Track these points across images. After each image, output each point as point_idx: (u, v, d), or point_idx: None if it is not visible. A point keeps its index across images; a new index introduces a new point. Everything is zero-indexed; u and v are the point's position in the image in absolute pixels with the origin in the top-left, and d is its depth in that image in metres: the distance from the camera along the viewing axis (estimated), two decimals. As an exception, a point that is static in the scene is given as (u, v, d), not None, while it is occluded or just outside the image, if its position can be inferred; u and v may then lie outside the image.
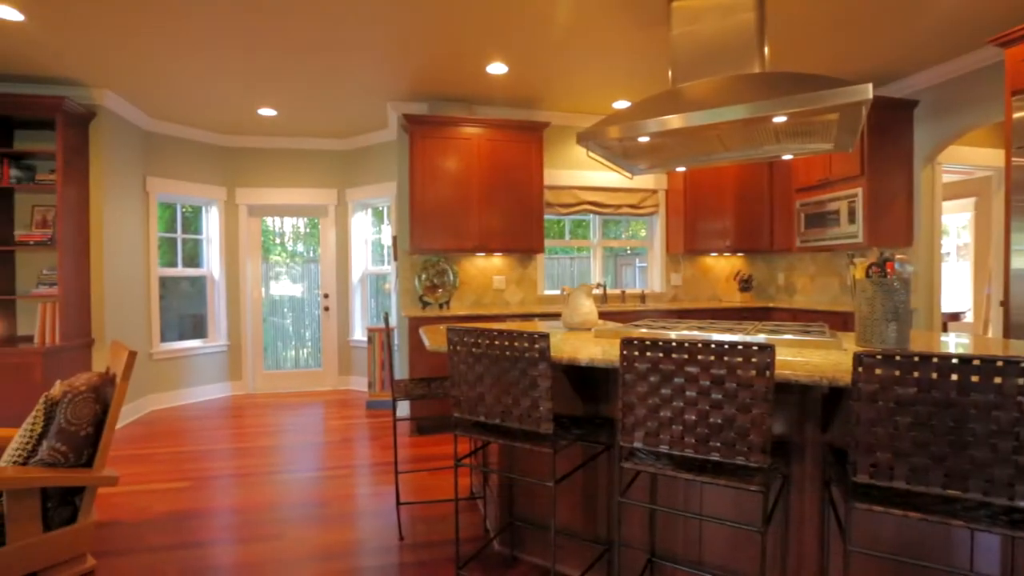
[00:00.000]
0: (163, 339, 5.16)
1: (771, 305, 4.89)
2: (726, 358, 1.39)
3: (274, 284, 5.98)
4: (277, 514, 2.79)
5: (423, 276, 4.53)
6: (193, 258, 5.56)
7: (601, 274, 5.33)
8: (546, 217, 4.84)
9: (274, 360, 5.96)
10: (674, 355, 1.45)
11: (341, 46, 3.51)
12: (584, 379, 2.15)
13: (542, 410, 1.69)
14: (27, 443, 2.13)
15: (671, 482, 1.94)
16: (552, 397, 1.69)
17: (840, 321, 4.10)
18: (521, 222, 4.51)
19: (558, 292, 5.06)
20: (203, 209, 5.57)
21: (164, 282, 5.21)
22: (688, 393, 1.44)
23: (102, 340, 4.26)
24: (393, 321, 5.07)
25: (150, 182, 4.98)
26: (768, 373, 1.35)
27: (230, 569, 2.27)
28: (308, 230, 6.08)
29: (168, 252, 5.32)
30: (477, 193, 4.40)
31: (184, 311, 5.51)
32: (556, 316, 4.34)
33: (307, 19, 3.14)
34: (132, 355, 2.23)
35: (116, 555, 2.40)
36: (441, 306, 4.49)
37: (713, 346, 1.40)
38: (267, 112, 4.79)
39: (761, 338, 1.88)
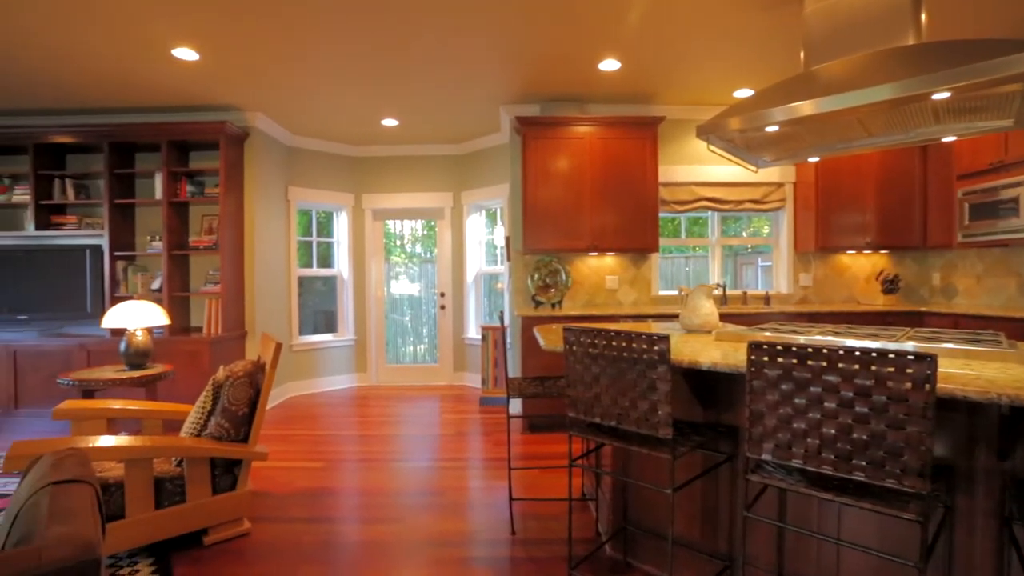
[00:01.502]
0: (300, 332, 5.73)
1: (924, 309, 4.30)
2: (874, 367, 1.24)
3: (394, 283, 6.39)
4: (397, 499, 2.98)
5: (535, 276, 4.59)
6: (326, 259, 6.11)
7: (720, 274, 5.04)
8: (660, 215, 4.68)
9: (394, 355, 6.36)
10: (810, 361, 1.33)
11: (457, 57, 3.66)
12: (704, 384, 2.05)
13: (661, 414, 1.64)
14: (200, 419, 2.48)
15: (803, 500, 1.78)
16: (671, 401, 1.62)
17: (1018, 329, 3.51)
18: (634, 221, 4.40)
19: (673, 293, 4.87)
20: (334, 214, 6.10)
21: (301, 281, 5.78)
22: (827, 404, 1.31)
23: (253, 332, 4.83)
24: (506, 320, 5.19)
25: (291, 191, 5.55)
26: (928, 386, 1.19)
27: (357, 545, 2.46)
28: (425, 232, 6.42)
29: (304, 254, 5.89)
30: (589, 192, 4.37)
31: (318, 308, 6.08)
32: (671, 318, 4.18)
33: (427, 35, 3.31)
34: (278, 346, 2.50)
35: (266, 521, 2.70)
36: (553, 306, 4.51)
37: (858, 353, 1.26)
38: (389, 122, 5.13)
39: (911, 346, 1.67)
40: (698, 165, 4.77)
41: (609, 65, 3.84)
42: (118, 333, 4.39)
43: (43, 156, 4.63)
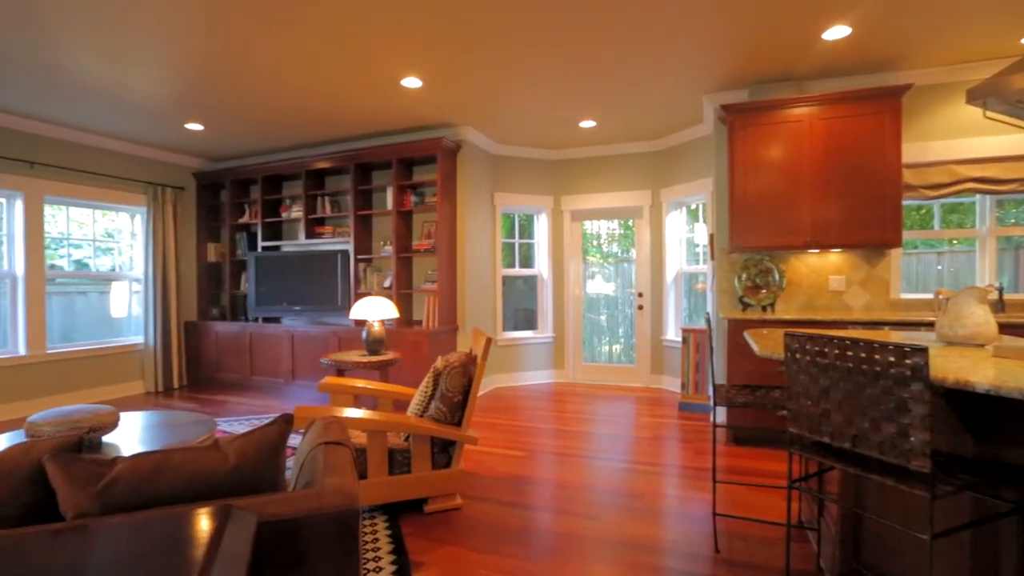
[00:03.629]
0: (504, 329, 6.15)
1: None
2: None
3: (589, 283, 6.47)
4: (592, 496, 3.00)
5: (743, 276, 4.22)
6: (527, 259, 6.46)
7: (994, 273, 4.03)
8: (904, 203, 3.92)
9: (590, 353, 6.44)
10: None
11: (655, 52, 3.55)
12: (975, 411, 1.65)
13: (914, 441, 1.36)
14: (423, 401, 2.82)
15: None
16: (929, 427, 1.34)
17: None
18: (867, 211, 3.76)
19: (920, 296, 4.04)
20: (535, 217, 6.41)
21: (504, 280, 6.20)
22: None
23: (464, 326, 5.33)
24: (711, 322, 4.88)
25: (496, 197, 5.99)
26: None
27: (555, 535, 2.55)
28: (622, 231, 6.37)
29: (508, 255, 6.30)
30: (809, 181, 3.86)
31: (519, 305, 6.46)
32: (919, 326, 3.47)
33: (623, 35, 3.27)
34: (489, 341, 2.71)
35: (474, 499, 2.96)
36: (764, 308, 4.10)
37: None
38: (587, 124, 5.21)
39: None
40: (961, 139, 3.88)
41: (836, 33, 3.35)
42: (360, 323, 5.24)
43: (311, 180, 5.76)
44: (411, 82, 4.07)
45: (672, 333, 5.76)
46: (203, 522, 0.96)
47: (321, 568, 1.15)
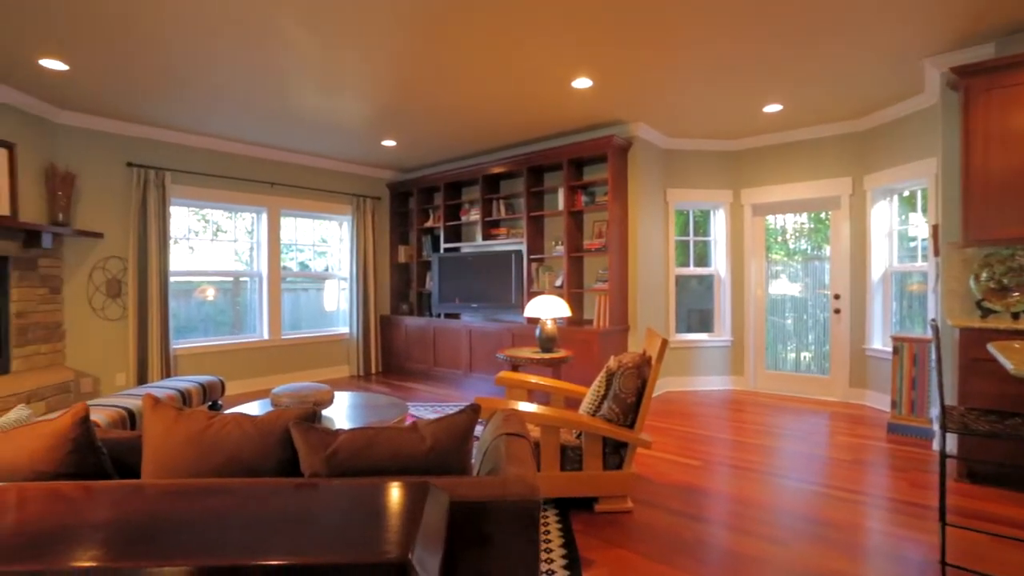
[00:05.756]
0: (676, 330, 5.87)
1: None
2: None
3: (773, 283, 5.87)
4: (777, 517, 2.71)
5: (983, 275, 3.46)
6: (702, 258, 6.09)
7: None
8: None
9: (773, 360, 5.85)
10: None
11: (859, 16, 3.07)
12: None
13: None
14: (595, 401, 2.82)
15: None
16: None
17: None
18: None
19: None
20: (711, 213, 6.02)
21: (678, 280, 5.92)
22: None
23: (635, 326, 5.22)
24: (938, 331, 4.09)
25: (669, 193, 5.74)
26: None
27: (733, 554, 2.35)
28: (812, 225, 5.67)
29: (681, 253, 6.00)
30: (1087, 154, 3.01)
31: (693, 306, 6.11)
32: None
33: (818, 1, 2.89)
34: (664, 342, 2.61)
35: (645, 504, 2.88)
36: (1016, 316, 3.31)
37: None
38: (772, 108, 4.72)
39: None
40: None
41: None
42: (533, 321, 5.44)
43: (487, 184, 6.14)
44: (581, 83, 4.09)
45: (878, 341, 4.95)
46: (408, 494, 1.07)
47: (504, 551, 1.21)
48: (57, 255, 4.67)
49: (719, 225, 5.93)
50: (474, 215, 6.34)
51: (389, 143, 5.81)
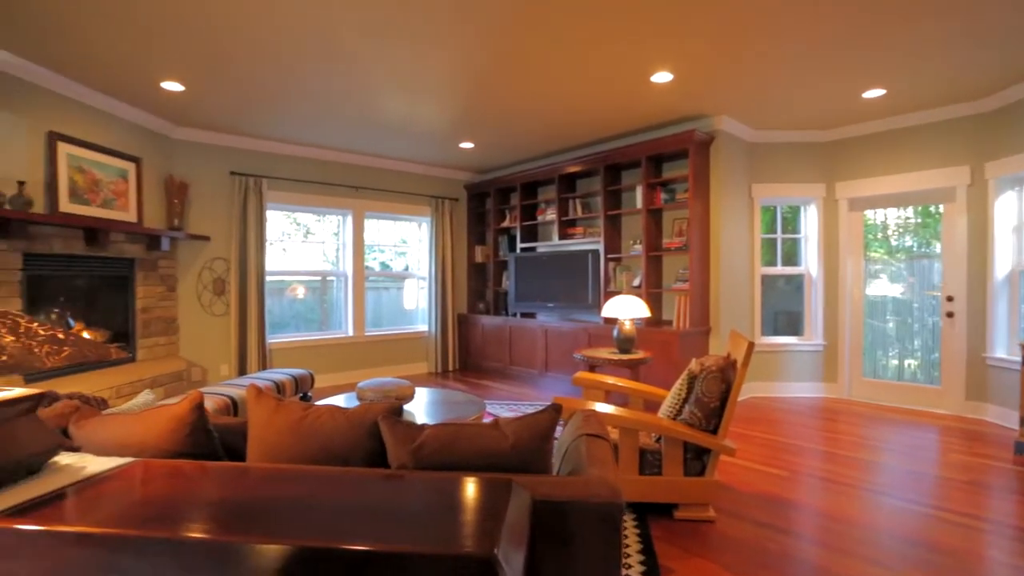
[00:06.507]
0: (762, 332, 5.57)
1: None
2: None
3: (871, 283, 5.41)
4: (876, 537, 2.50)
5: None
6: (791, 257, 5.73)
7: None
8: None
9: (872, 367, 5.39)
10: None
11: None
12: None
13: None
14: (675, 404, 2.73)
15: None
16: None
17: None
18: None
19: None
20: (801, 208, 5.65)
21: (763, 280, 5.61)
22: None
23: (716, 328, 5.00)
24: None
25: (754, 189, 5.46)
26: None
27: (829, 573, 2.20)
28: (919, 220, 5.17)
29: (767, 252, 5.69)
30: None
31: (779, 308, 5.77)
32: None
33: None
34: (751, 345, 2.48)
35: (729, 515, 2.75)
36: None
37: None
38: (873, 94, 4.36)
39: None
40: None
41: None
42: (609, 321, 5.36)
43: (563, 184, 6.12)
44: (661, 77, 3.98)
45: (1002, 349, 4.44)
46: (492, 490, 1.09)
47: (585, 553, 1.20)
48: (173, 257, 5.17)
49: (810, 221, 5.55)
50: (550, 215, 6.34)
51: (467, 145, 5.94)
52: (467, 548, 0.89)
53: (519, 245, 6.62)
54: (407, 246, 7.28)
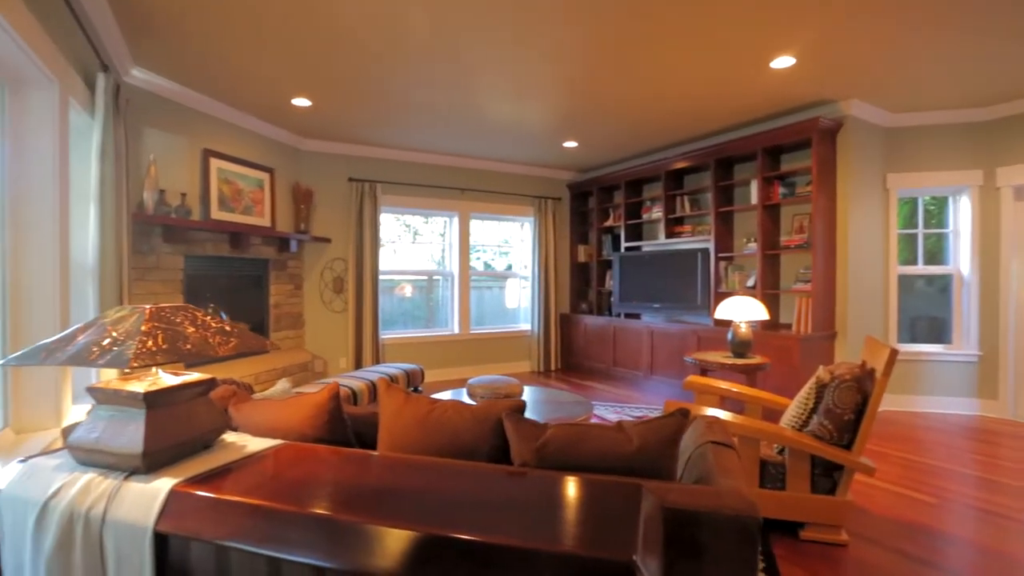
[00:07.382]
0: (898, 339, 5.00)
1: None
2: None
3: (1044, 285, 4.65)
4: (1069, 585, 2.14)
5: None
6: (935, 255, 5.09)
7: None
8: None
9: (1042, 382, 4.64)
10: None
11: None
12: None
13: None
14: (801, 414, 2.53)
15: None
16: None
17: None
18: None
19: None
20: (949, 199, 5.00)
21: (900, 281, 5.03)
22: None
23: (843, 333, 4.57)
24: None
25: (890, 179, 4.91)
26: None
27: (1004, 622, 1.91)
28: (1107, 211, 4.35)
29: (905, 249, 5.09)
30: None
31: (919, 312, 5.14)
32: None
33: None
34: (893, 353, 2.24)
35: (865, 540, 2.49)
36: None
37: None
38: (1050, 64, 3.74)
39: None
40: None
41: None
42: (721, 324, 5.08)
43: (669, 180, 5.90)
44: (782, 62, 3.70)
45: None
46: (623, 494, 1.07)
47: (718, 568, 1.14)
48: (299, 257, 5.67)
49: (962, 214, 4.89)
50: (656, 213, 6.14)
51: (570, 144, 5.92)
52: (605, 551, 0.88)
53: (623, 244, 6.48)
54: (510, 246, 7.41)
